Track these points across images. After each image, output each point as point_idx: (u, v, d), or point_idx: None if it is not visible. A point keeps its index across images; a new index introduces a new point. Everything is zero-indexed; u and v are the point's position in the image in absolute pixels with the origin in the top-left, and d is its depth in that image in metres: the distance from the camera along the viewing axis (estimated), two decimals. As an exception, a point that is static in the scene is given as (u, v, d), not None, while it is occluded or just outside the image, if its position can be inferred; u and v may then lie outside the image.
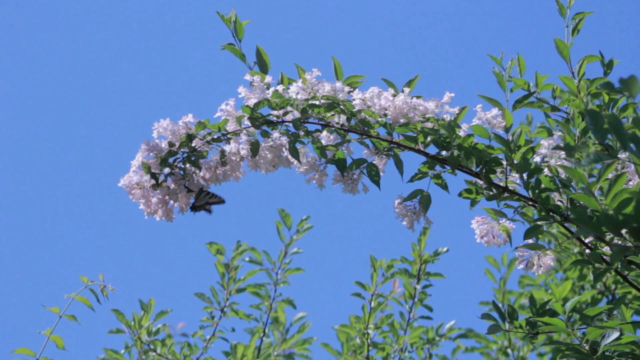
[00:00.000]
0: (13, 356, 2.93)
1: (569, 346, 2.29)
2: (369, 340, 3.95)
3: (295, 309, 4.39)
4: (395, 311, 4.07)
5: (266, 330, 4.27)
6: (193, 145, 2.49)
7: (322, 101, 2.43)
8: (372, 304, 3.96)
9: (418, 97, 2.46)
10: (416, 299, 4.04)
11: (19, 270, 6.53)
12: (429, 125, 2.44)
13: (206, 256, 4.30)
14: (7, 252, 6.59)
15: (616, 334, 2.27)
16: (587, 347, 2.27)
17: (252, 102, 2.45)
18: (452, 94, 2.45)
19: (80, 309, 2.93)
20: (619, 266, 2.38)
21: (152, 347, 4.06)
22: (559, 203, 2.36)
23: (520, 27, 6.75)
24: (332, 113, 2.45)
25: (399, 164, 2.45)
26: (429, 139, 2.43)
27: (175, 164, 2.51)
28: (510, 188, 2.42)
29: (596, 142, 2.38)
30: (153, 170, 2.48)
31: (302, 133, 2.46)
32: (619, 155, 2.29)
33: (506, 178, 2.42)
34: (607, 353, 2.29)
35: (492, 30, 6.85)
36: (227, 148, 2.51)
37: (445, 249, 4.03)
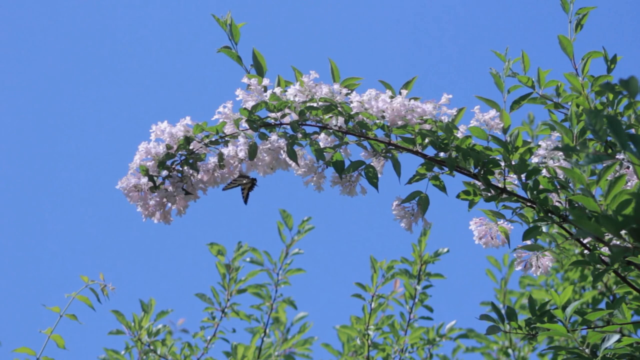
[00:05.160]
0: (14, 355, 2.93)
1: (569, 350, 2.28)
2: (369, 341, 3.94)
3: (296, 309, 4.39)
4: (395, 312, 4.07)
5: (267, 331, 4.27)
6: (191, 147, 2.49)
7: (320, 103, 2.42)
8: (373, 305, 3.96)
9: (415, 99, 2.45)
10: (417, 300, 4.04)
11: (19, 270, 6.53)
12: (427, 127, 2.43)
13: (207, 257, 4.30)
14: (8, 252, 6.59)
15: (616, 337, 2.26)
16: (587, 351, 2.26)
17: (249, 104, 2.44)
18: (450, 96, 2.44)
19: (80, 308, 2.93)
20: (620, 268, 2.37)
21: (152, 347, 4.06)
22: (557, 204, 2.35)
23: (521, 24, 6.73)
24: (330, 115, 2.44)
25: (396, 166, 2.44)
26: (426, 140, 2.42)
27: (173, 166, 2.50)
28: (508, 189, 2.41)
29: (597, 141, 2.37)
30: (151, 173, 2.48)
31: (300, 135, 2.45)
32: (617, 156, 2.29)
33: (504, 179, 2.41)
34: (607, 356, 2.28)
35: (492, 28, 6.83)
36: (225, 151, 2.50)
37: (445, 250, 4.03)
